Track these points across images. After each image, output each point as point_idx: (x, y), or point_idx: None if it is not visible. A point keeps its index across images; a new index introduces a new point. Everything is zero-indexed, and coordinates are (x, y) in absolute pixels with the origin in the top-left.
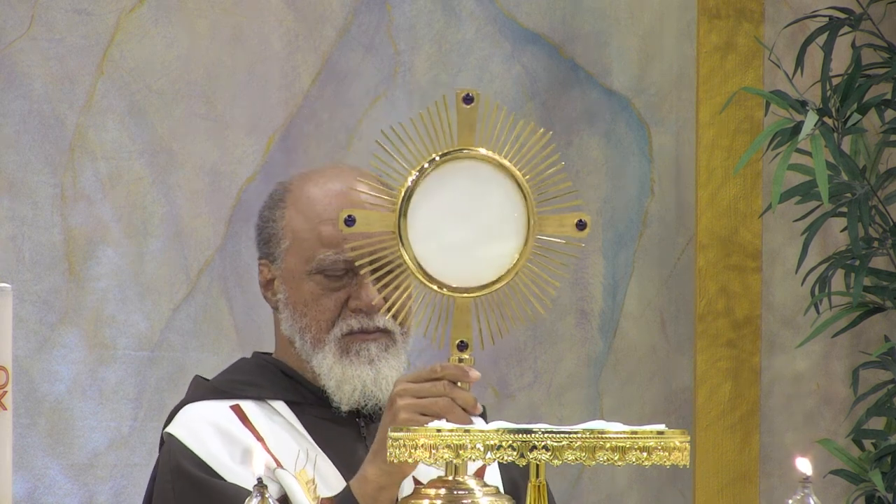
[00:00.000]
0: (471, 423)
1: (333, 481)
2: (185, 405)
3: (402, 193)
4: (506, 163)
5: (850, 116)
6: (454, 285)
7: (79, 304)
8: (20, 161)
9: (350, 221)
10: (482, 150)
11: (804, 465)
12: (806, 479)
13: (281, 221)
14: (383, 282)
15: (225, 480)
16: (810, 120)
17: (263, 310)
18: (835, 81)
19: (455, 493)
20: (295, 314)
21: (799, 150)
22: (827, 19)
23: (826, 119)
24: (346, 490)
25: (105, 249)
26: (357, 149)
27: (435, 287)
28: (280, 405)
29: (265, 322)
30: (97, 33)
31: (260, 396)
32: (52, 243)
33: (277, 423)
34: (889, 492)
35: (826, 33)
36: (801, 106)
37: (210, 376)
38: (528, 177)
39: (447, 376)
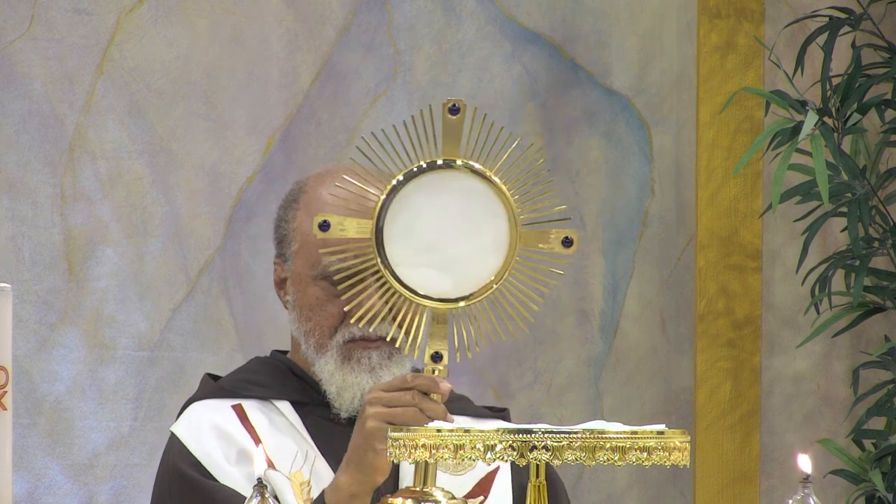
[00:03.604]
0: None
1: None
2: (190, 403)
3: (381, 200)
4: (490, 175)
5: (850, 116)
6: (430, 295)
7: (79, 304)
8: (20, 161)
9: (324, 226)
10: (466, 162)
11: (804, 462)
12: (806, 479)
13: (293, 223)
14: (357, 289)
15: (217, 481)
16: (810, 120)
17: (263, 310)
18: (835, 81)
19: (421, 503)
20: (301, 317)
21: (799, 150)
22: (827, 19)
23: (826, 119)
24: (320, 497)
25: (105, 249)
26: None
27: (410, 296)
28: (284, 405)
29: (265, 322)
30: (97, 33)
31: (264, 396)
32: (52, 243)
33: (278, 424)
34: (889, 492)
35: (826, 33)
36: (801, 106)
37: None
38: (514, 190)
39: (418, 386)
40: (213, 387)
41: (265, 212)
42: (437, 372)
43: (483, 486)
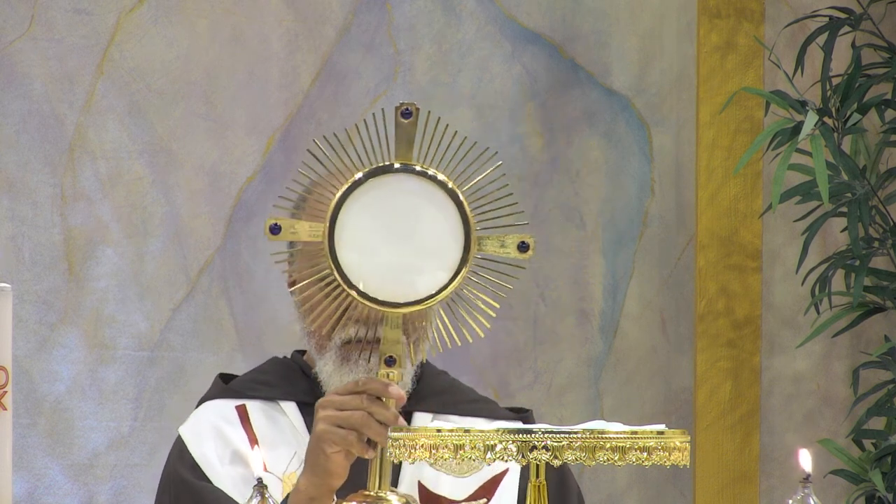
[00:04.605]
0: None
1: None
2: (200, 404)
3: (333, 204)
4: (445, 179)
5: (850, 116)
6: (383, 299)
7: (79, 304)
8: (20, 161)
9: (275, 230)
10: (419, 166)
11: (805, 458)
12: (806, 479)
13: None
14: (308, 292)
15: (211, 483)
16: (810, 120)
17: (263, 310)
18: (835, 81)
19: None
20: (303, 319)
21: (799, 150)
22: (827, 19)
23: (826, 119)
24: (284, 500)
25: (105, 249)
26: None
27: (363, 301)
28: (289, 406)
29: (265, 322)
30: (97, 33)
31: (270, 397)
32: (52, 243)
33: (280, 425)
34: (889, 492)
35: (826, 33)
36: (801, 106)
37: (210, 376)
38: (470, 194)
39: (368, 390)
40: (221, 387)
41: (265, 212)
42: (390, 376)
43: (488, 489)
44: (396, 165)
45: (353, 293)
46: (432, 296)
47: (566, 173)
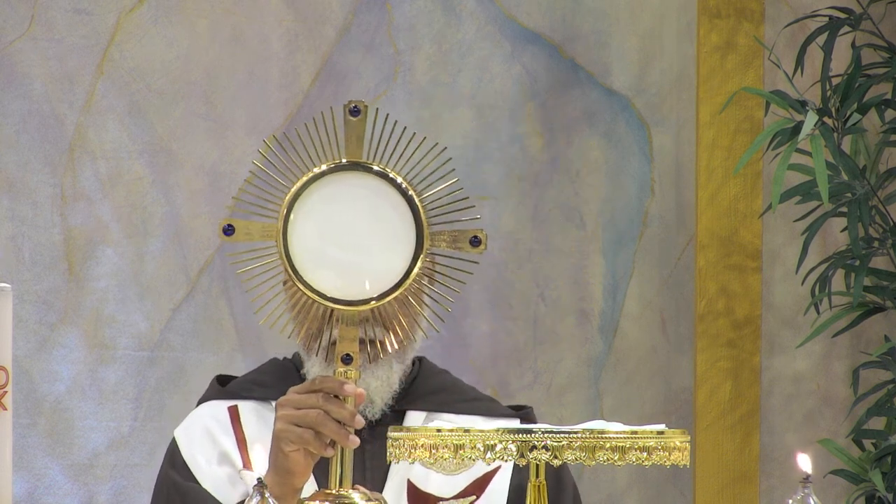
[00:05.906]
0: (346, 436)
1: (308, 485)
2: (198, 405)
3: (285, 203)
4: (394, 176)
5: (850, 116)
6: (338, 297)
7: (79, 304)
8: (20, 161)
9: (229, 231)
10: (368, 163)
11: (804, 462)
12: (806, 479)
13: None
14: (265, 292)
15: (198, 482)
16: (810, 120)
17: None
18: (835, 81)
19: None
20: (293, 318)
21: (799, 150)
22: (827, 19)
23: (826, 119)
24: None
25: (105, 249)
26: None
27: (318, 299)
28: None
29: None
30: (97, 33)
31: (264, 397)
32: (52, 243)
33: (270, 425)
34: (889, 492)
35: (826, 33)
36: (801, 106)
37: (209, 376)
38: (421, 191)
39: (324, 389)
40: (217, 389)
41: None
42: (347, 374)
43: (478, 486)
44: (346, 163)
45: (308, 291)
46: (386, 293)
47: (566, 173)
